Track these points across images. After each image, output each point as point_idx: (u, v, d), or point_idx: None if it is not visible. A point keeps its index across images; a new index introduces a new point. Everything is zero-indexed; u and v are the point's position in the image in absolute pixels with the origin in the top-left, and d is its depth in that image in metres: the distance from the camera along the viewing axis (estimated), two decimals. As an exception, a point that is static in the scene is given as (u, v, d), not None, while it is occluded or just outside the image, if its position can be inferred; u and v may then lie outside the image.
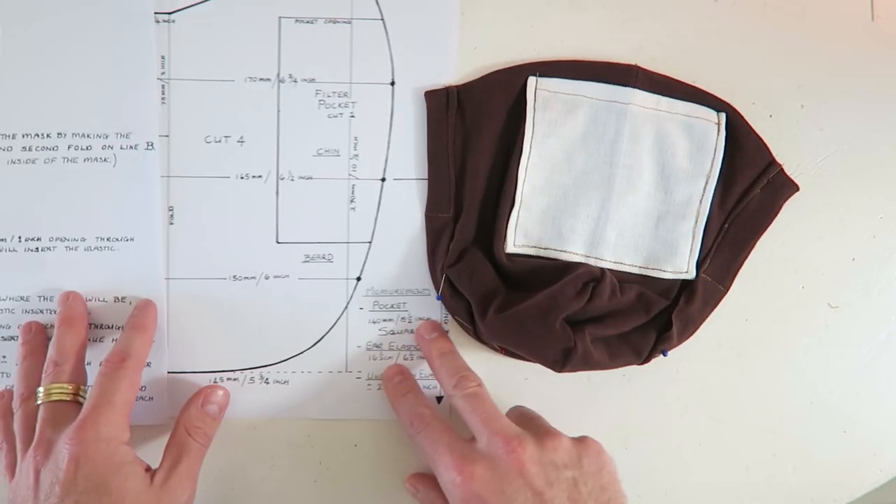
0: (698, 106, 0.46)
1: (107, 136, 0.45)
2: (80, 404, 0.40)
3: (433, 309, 0.47)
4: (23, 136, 0.44)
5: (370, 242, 0.46)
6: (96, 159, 0.45)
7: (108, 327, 0.45)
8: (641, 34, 0.47)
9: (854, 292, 0.47)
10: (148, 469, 0.40)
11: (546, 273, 0.45)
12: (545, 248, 0.45)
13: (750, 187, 0.46)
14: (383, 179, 0.46)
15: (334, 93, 0.46)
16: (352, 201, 0.46)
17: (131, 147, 0.45)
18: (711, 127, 0.45)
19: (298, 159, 0.46)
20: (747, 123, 0.46)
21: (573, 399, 0.47)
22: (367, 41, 0.46)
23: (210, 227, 0.46)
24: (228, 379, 0.46)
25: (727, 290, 0.46)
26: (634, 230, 0.46)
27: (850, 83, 0.47)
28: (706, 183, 0.45)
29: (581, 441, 0.41)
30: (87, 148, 0.45)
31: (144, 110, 0.45)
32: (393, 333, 0.47)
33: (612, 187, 0.45)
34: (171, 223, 0.45)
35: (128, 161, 0.45)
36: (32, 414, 0.41)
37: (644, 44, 0.47)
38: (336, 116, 0.46)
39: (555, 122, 0.45)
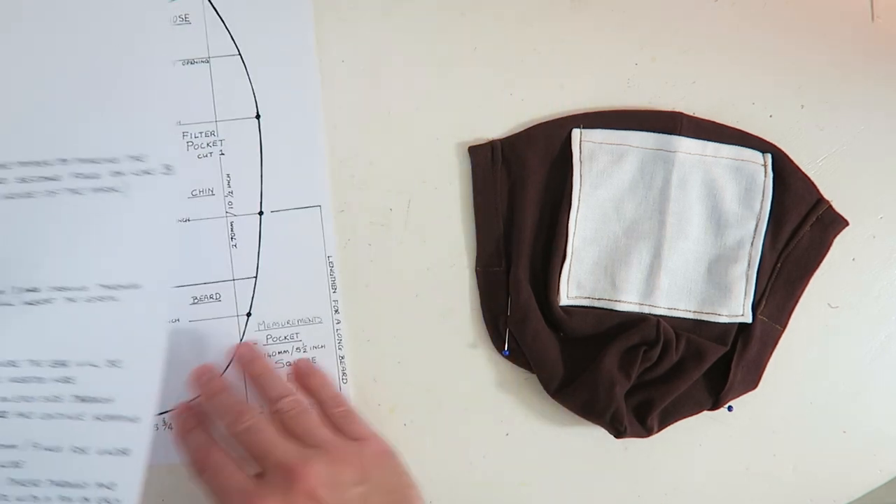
0: (743, 149, 0.46)
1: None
2: None
3: (326, 336, 0.46)
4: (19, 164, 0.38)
5: (255, 277, 0.46)
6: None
7: (94, 400, 0.38)
8: (641, 34, 0.46)
9: (854, 292, 0.48)
10: None
11: (603, 328, 0.45)
12: (599, 299, 0.46)
13: (800, 226, 0.46)
14: (261, 213, 0.46)
15: (201, 133, 0.45)
16: (232, 238, 0.45)
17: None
18: (758, 169, 0.45)
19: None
20: (793, 162, 0.46)
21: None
22: (227, 78, 0.45)
23: None
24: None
25: (784, 328, 0.46)
26: (687, 276, 0.46)
27: (850, 83, 0.47)
28: (756, 225, 0.45)
29: (366, 445, 0.40)
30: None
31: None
32: (289, 365, 0.45)
33: (662, 234, 0.45)
34: None
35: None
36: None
37: (644, 44, 0.46)
38: (206, 156, 0.45)
39: (602, 172, 0.45)
